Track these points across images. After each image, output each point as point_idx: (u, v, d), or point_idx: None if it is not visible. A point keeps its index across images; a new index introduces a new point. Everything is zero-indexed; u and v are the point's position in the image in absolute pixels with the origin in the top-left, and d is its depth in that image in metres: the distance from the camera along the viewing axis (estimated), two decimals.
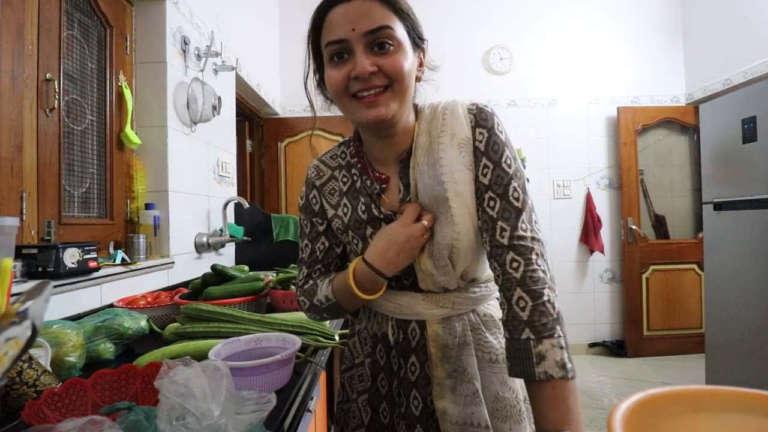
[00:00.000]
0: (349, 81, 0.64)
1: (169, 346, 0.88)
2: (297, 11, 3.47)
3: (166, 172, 1.63)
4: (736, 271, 2.15)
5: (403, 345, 0.73)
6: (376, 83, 0.63)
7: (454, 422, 0.68)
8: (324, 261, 0.79)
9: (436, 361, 0.70)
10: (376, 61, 0.63)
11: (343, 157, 0.78)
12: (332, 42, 0.64)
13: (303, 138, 3.39)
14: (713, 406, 0.43)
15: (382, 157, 0.74)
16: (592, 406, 2.49)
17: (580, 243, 3.47)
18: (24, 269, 1.00)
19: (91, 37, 1.43)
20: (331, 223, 0.77)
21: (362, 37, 0.62)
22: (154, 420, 0.50)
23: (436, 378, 0.70)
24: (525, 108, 3.51)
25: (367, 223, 0.72)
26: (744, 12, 2.90)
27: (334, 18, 0.64)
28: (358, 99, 0.64)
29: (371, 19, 0.62)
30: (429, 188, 0.67)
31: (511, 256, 0.63)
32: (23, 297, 0.48)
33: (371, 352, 0.78)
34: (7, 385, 0.63)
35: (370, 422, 0.77)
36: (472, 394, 0.68)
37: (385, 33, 0.63)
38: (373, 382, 0.77)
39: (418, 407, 0.71)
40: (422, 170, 0.68)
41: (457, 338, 0.70)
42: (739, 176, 2.16)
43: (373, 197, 0.72)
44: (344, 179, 0.76)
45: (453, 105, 0.70)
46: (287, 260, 2.11)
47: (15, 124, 1.09)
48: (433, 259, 0.68)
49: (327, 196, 0.77)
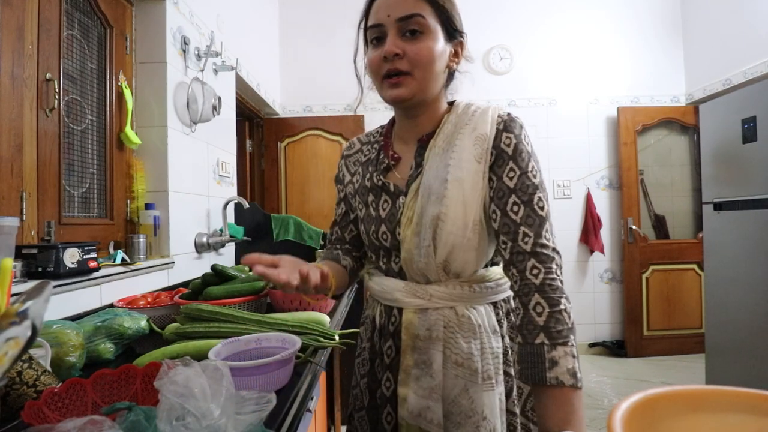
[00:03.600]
0: (381, 63, 0.71)
1: (169, 346, 0.87)
2: (297, 11, 3.47)
3: (166, 172, 1.63)
4: (736, 271, 2.15)
5: (386, 328, 0.79)
6: (400, 67, 0.70)
7: (410, 410, 0.71)
8: (341, 224, 0.89)
9: (406, 348, 0.74)
10: (404, 46, 0.70)
11: (375, 136, 0.87)
12: (371, 26, 0.73)
13: (303, 138, 3.39)
14: (713, 406, 0.43)
15: (406, 136, 0.81)
16: (592, 406, 2.49)
17: (580, 243, 3.47)
18: (24, 269, 1.00)
19: (91, 37, 1.43)
20: (347, 189, 0.87)
21: (395, 23, 0.70)
22: (154, 420, 0.50)
23: (403, 365, 0.73)
24: (525, 108, 3.51)
25: (369, 190, 0.80)
26: (744, 12, 2.90)
27: (377, 5, 0.73)
28: (387, 78, 0.72)
29: (405, 7, 0.69)
30: (435, 168, 0.73)
31: (532, 262, 0.65)
32: (23, 297, 0.48)
33: (370, 337, 0.83)
34: (7, 385, 0.63)
35: (369, 405, 0.82)
36: (431, 389, 0.70)
37: (416, 21, 0.69)
38: (371, 367, 0.82)
39: (389, 389, 0.77)
40: (437, 152, 0.74)
41: (429, 331, 0.72)
42: (739, 176, 2.16)
43: (379, 169, 0.80)
44: (367, 153, 0.86)
45: (486, 107, 0.76)
46: None
47: (15, 124, 1.09)
48: (418, 237, 0.72)
49: (350, 165, 0.88)
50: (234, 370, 0.66)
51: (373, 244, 0.80)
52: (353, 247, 0.89)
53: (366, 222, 0.80)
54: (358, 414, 0.84)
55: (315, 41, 3.46)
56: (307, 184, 3.36)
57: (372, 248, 0.82)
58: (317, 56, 3.46)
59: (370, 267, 0.86)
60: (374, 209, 0.79)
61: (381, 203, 0.78)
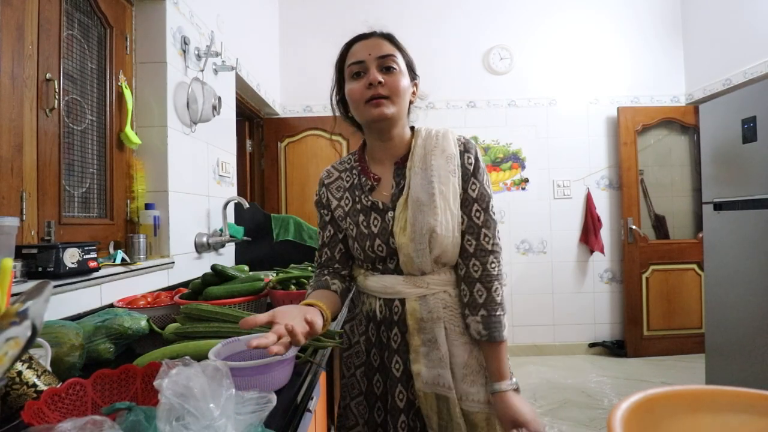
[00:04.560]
0: (364, 91, 0.86)
1: (169, 346, 0.87)
2: (297, 11, 3.48)
3: (166, 172, 1.63)
4: (736, 271, 2.15)
5: (388, 319, 0.90)
6: (382, 92, 0.85)
7: (425, 382, 0.85)
8: (330, 245, 0.98)
9: (413, 331, 0.87)
10: (384, 78, 0.86)
11: (349, 163, 0.99)
12: (354, 63, 0.88)
13: (303, 138, 3.39)
14: (713, 406, 0.43)
15: (381, 158, 0.95)
16: (592, 406, 2.49)
17: (580, 243, 3.47)
18: (24, 269, 1.00)
19: (91, 37, 1.43)
20: (334, 213, 0.96)
21: (375, 60, 0.87)
22: (154, 420, 0.50)
23: (412, 346, 0.87)
24: (525, 108, 3.51)
25: (360, 211, 0.92)
26: (744, 12, 2.90)
27: (357, 48, 0.89)
28: (369, 102, 0.86)
29: (382, 49, 0.88)
30: (420, 186, 0.87)
31: (491, 258, 0.87)
32: (23, 297, 0.48)
33: (365, 331, 0.94)
34: (7, 385, 0.63)
35: (366, 390, 0.94)
36: (439, 359, 0.85)
37: (391, 59, 0.87)
38: (367, 357, 0.94)
39: (399, 370, 0.88)
40: (416, 172, 0.89)
41: (431, 313, 0.86)
42: (739, 176, 2.16)
43: (365, 191, 0.92)
44: (347, 179, 0.97)
45: (445, 131, 0.94)
46: (287, 260, 2.11)
47: (15, 124, 1.09)
48: (415, 243, 0.85)
49: (333, 191, 0.97)
50: (234, 370, 0.66)
51: (369, 257, 0.91)
52: (341, 266, 0.98)
53: (359, 239, 0.91)
54: (354, 401, 0.95)
55: (315, 41, 3.46)
56: (307, 184, 3.36)
57: (368, 260, 0.92)
58: (317, 56, 3.46)
59: (363, 271, 0.95)
60: (365, 227, 0.90)
61: (371, 221, 0.90)
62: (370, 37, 0.90)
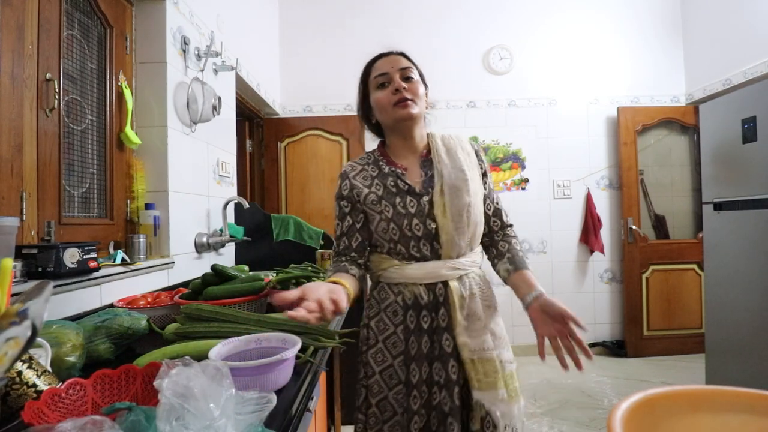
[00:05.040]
0: (391, 96, 1.02)
1: (169, 346, 0.87)
2: (297, 11, 3.47)
3: (166, 172, 1.63)
4: (736, 271, 2.15)
5: (433, 302, 1.01)
6: (406, 96, 1.01)
7: (471, 350, 0.97)
8: (348, 234, 1.07)
9: (456, 309, 0.99)
10: (407, 84, 1.03)
11: (369, 159, 1.11)
12: (379, 75, 1.05)
13: (303, 138, 3.39)
14: (713, 406, 0.43)
15: (404, 154, 1.09)
16: (592, 406, 2.49)
17: (580, 243, 3.47)
18: (24, 269, 0.99)
19: (91, 37, 1.43)
20: (365, 199, 1.04)
21: (397, 72, 1.04)
22: (153, 420, 0.50)
23: (457, 320, 0.98)
24: (525, 108, 3.51)
25: (395, 194, 1.03)
26: (744, 12, 2.90)
27: (380, 63, 1.06)
28: (397, 105, 1.02)
29: (402, 62, 1.05)
30: (452, 174, 1.03)
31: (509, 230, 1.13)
32: (23, 297, 0.48)
33: (402, 321, 1.03)
34: (7, 385, 0.63)
35: (405, 380, 1.01)
36: (481, 329, 0.99)
37: (409, 70, 1.05)
38: (406, 346, 1.02)
39: (449, 345, 0.99)
40: (445, 164, 1.04)
41: (468, 290, 1.01)
42: (739, 176, 2.16)
43: (399, 177, 1.04)
44: (373, 170, 1.08)
45: (458, 135, 1.14)
46: (287, 260, 2.11)
47: (15, 124, 1.09)
48: (455, 222, 0.99)
49: (360, 181, 1.06)
50: (234, 370, 0.66)
51: (405, 235, 1.00)
52: (358, 255, 1.07)
53: (396, 219, 1.01)
54: (393, 390, 1.02)
55: (315, 41, 3.46)
56: (307, 184, 3.36)
57: (403, 240, 1.01)
58: (317, 56, 3.46)
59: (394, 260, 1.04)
60: (402, 207, 1.01)
61: (408, 202, 1.01)
62: (389, 55, 1.07)
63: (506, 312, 3.38)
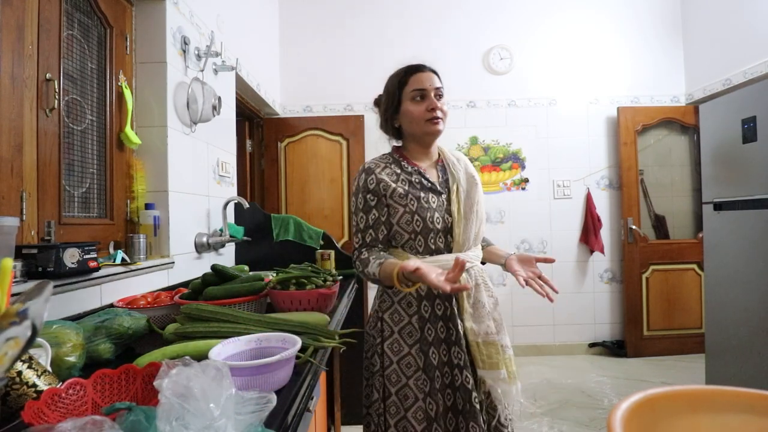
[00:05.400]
0: (425, 113, 1.16)
1: (169, 346, 0.87)
2: (297, 11, 3.47)
3: (166, 172, 1.63)
4: (736, 271, 2.15)
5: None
6: (439, 115, 1.16)
7: (476, 333, 1.10)
8: (374, 227, 1.16)
9: (465, 297, 1.13)
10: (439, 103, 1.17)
11: (390, 159, 1.22)
12: (417, 89, 1.17)
13: (303, 138, 3.39)
14: (713, 406, 0.43)
15: (420, 158, 1.24)
16: (592, 406, 2.49)
17: (580, 243, 3.47)
18: (24, 269, 0.99)
19: (91, 37, 1.43)
20: (392, 193, 1.14)
21: (432, 90, 1.17)
22: (153, 420, 0.50)
23: (463, 307, 1.12)
24: (525, 108, 3.51)
25: (420, 190, 1.16)
26: (744, 12, 2.90)
27: (418, 77, 1.17)
28: (430, 121, 1.16)
29: (437, 82, 1.18)
30: (466, 179, 1.20)
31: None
32: (23, 297, 0.48)
33: (417, 310, 1.15)
34: (7, 385, 0.63)
35: (424, 365, 1.12)
36: (486, 315, 1.12)
37: (440, 91, 1.19)
38: (421, 333, 1.13)
39: (461, 330, 1.11)
40: (459, 169, 1.22)
41: (474, 281, 1.14)
42: (739, 176, 2.16)
43: (422, 176, 1.18)
44: (396, 168, 1.20)
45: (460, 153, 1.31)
46: (287, 260, 2.10)
47: (15, 124, 1.09)
48: (466, 217, 1.15)
49: (386, 176, 1.17)
50: (234, 370, 0.66)
51: (426, 227, 1.13)
52: (384, 246, 1.18)
53: (420, 211, 1.13)
54: (413, 378, 1.12)
55: (315, 41, 3.46)
56: (307, 184, 3.36)
57: (424, 231, 1.13)
58: (317, 56, 3.46)
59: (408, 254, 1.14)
60: (426, 202, 1.14)
61: (430, 198, 1.15)
62: (425, 71, 1.18)
63: (506, 312, 3.39)
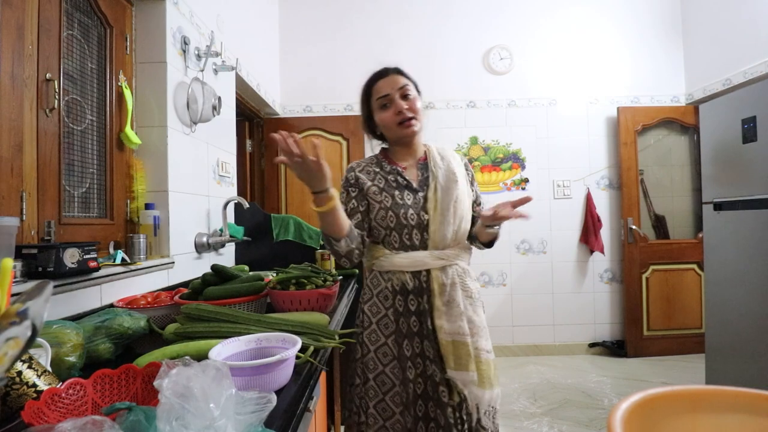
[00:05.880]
0: (394, 117, 1.17)
1: (169, 346, 0.87)
2: (297, 11, 3.47)
3: (166, 172, 1.63)
4: (736, 271, 2.15)
5: (418, 288, 1.15)
6: (408, 115, 1.16)
7: (447, 332, 1.11)
8: (350, 214, 1.18)
9: (437, 294, 1.13)
10: (406, 103, 1.17)
11: (373, 160, 1.26)
12: (381, 97, 1.18)
13: (303, 138, 3.38)
14: (713, 406, 0.43)
15: (403, 158, 1.26)
16: (592, 406, 2.49)
17: (580, 243, 3.47)
18: (24, 269, 0.99)
19: (91, 37, 1.43)
20: (368, 190, 1.19)
21: (397, 91, 1.17)
22: (153, 420, 0.50)
23: (436, 306, 1.13)
24: (525, 108, 3.51)
25: (395, 188, 1.19)
26: (744, 12, 2.90)
27: (380, 85, 1.19)
28: (401, 125, 1.17)
29: (400, 82, 1.18)
30: (445, 175, 1.19)
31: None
32: (23, 297, 0.48)
33: (392, 304, 1.17)
34: (7, 385, 0.63)
35: (398, 355, 1.15)
36: (458, 315, 1.12)
37: (407, 88, 1.18)
38: (397, 326, 1.16)
39: (431, 327, 1.13)
40: (440, 168, 1.21)
41: (449, 279, 1.14)
42: (739, 176, 2.15)
43: (399, 174, 1.21)
44: (376, 168, 1.24)
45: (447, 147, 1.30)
46: (287, 260, 2.11)
47: (15, 124, 1.09)
48: (443, 215, 1.14)
49: (365, 174, 1.22)
50: (234, 370, 0.66)
51: (400, 223, 1.15)
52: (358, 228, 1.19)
53: (394, 208, 1.16)
54: (389, 366, 1.16)
55: (315, 41, 3.46)
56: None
57: (398, 227, 1.16)
58: (317, 56, 3.46)
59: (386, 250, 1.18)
60: (400, 199, 1.17)
61: (405, 195, 1.18)
62: (387, 75, 1.18)
63: (506, 312, 3.40)
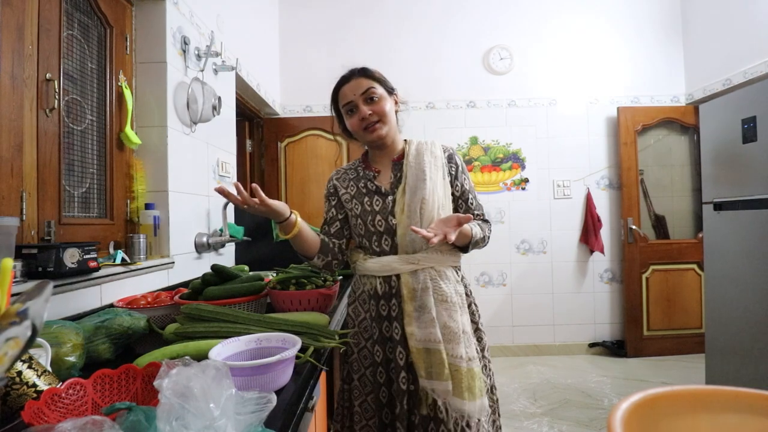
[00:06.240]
0: (360, 123, 1.14)
1: (169, 346, 0.87)
2: (297, 11, 3.47)
3: (166, 172, 1.63)
4: (736, 271, 2.15)
5: (388, 293, 1.13)
6: (373, 119, 1.14)
7: (417, 339, 1.06)
8: (328, 222, 1.23)
9: (407, 300, 1.09)
10: (371, 107, 1.14)
11: (353, 165, 1.27)
12: (345, 104, 1.16)
13: (303, 138, 3.39)
14: (713, 406, 0.43)
15: (380, 159, 1.24)
16: (592, 406, 2.49)
17: (580, 243, 3.47)
18: (24, 269, 0.99)
19: (91, 37, 1.43)
20: (341, 197, 1.20)
21: (360, 96, 1.13)
22: (153, 420, 0.50)
23: (406, 311, 1.09)
24: (525, 108, 3.51)
25: (365, 194, 1.18)
26: (744, 12, 2.90)
27: (344, 91, 1.16)
28: (366, 130, 1.15)
29: (362, 86, 1.14)
30: (414, 175, 1.14)
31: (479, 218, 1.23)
32: (23, 297, 0.48)
33: (368, 308, 1.16)
34: (7, 385, 0.63)
35: (382, 359, 1.11)
36: (429, 321, 1.06)
37: (371, 91, 1.14)
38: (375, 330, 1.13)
39: (398, 333, 1.10)
40: (411, 166, 1.16)
41: (420, 284, 1.09)
42: (739, 176, 2.15)
43: (369, 180, 1.19)
44: (353, 174, 1.24)
45: (433, 141, 1.24)
46: (287, 260, 2.10)
47: (15, 124, 1.09)
48: (410, 219, 1.09)
49: (341, 182, 1.23)
50: (234, 370, 0.66)
51: (369, 231, 1.15)
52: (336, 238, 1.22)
53: (363, 215, 1.15)
54: (369, 369, 1.13)
55: (315, 41, 3.46)
56: (307, 183, 3.36)
57: (367, 234, 1.15)
58: (317, 56, 3.46)
59: (362, 254, 1.18)
60: (368, 206, 1.15)
61: (374, 201, 1.15)
62: (350, 79, 1.15)
63: (506, 312, 3.40)
